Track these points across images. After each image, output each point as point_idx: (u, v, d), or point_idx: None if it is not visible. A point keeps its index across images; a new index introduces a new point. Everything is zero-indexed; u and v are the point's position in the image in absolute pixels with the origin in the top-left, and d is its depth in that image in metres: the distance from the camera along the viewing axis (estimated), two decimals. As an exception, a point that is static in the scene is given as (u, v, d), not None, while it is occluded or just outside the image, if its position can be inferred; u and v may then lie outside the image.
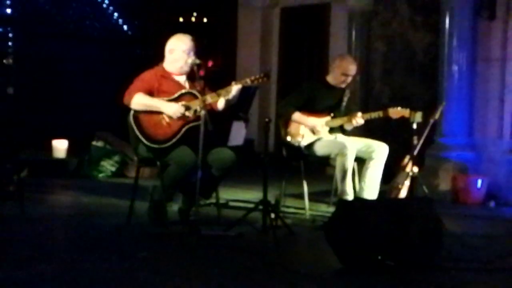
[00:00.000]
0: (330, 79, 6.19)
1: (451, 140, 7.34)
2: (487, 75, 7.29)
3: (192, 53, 5.34)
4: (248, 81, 5.29)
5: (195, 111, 5.18)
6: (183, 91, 5.33)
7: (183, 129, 5.22)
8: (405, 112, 5.79)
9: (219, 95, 5.24)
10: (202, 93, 5.12)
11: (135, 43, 11.02)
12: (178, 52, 5.37)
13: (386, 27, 8.80)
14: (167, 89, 5.31)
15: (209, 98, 5.20)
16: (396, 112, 5.85)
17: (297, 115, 6.00)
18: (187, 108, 5.25)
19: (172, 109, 5.20)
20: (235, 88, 5.23)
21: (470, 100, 7.33)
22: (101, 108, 9.30)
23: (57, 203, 6.66)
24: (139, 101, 5.22)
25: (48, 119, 9.53)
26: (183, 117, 5.22)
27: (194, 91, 5.28)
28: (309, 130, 5.99)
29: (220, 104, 5.34)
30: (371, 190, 5.86)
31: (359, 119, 5.87)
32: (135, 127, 5.21)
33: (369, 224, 4.25)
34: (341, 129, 6.12)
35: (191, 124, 5.20)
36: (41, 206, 6.13)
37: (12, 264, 4.11)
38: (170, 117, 5.23)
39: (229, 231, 5.09)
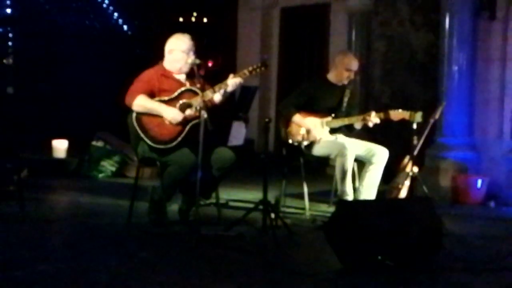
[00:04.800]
0: (332, 77, 6.18)
1: (451, 140, 7.34)
2: (487, 75, 7.28)
3: (191, 53, 5.35)
4: (246, 72, 5.27)
5: (197, 108, 5.18)
6: (183, 88, 5.33)
7: (187, 127, 5.22)
8: (406, 114, 5.77)
9: (218, 90, 5.24)
10: (202, 90, 5.12)
11: (135, 43, 11.03)
12: (178, 52, 5.37)
13: (386, 27, 8.80)
14: (168, 87, 5.31)
15: (209, 94, 5.20)
16: (397, 114, 5.83)
17: (297, 118, 5.99)
18: (189, 105, 5.25)
19: (170, 115, 5.20)
20: (231, 82, 5.22)
21: (470, 100, 7.33)
22: (101, 108, 9.31)
23: (57, 203, 6.66)
24: (140, 103, 5.21)
25: (48, 119, 9.53)
26: (185, 117, 5.22)
27: (195, 88, 5.29)
28: (307, 133, 5.98)
29: (217, 97, 5.34)
30: (369, 193, 5.85)
31: (374, 118, 5.84)
32: (138, 129, 5.21)
33: (369, 224, 4.25)
34: (347, 128, 6.10)
35: (194, 122, 5.20)
36: (41, 206, 6.13)
37: (12, 264, 4.11)
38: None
39: (229, 231, 5.09)
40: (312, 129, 5.94)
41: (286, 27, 10.46)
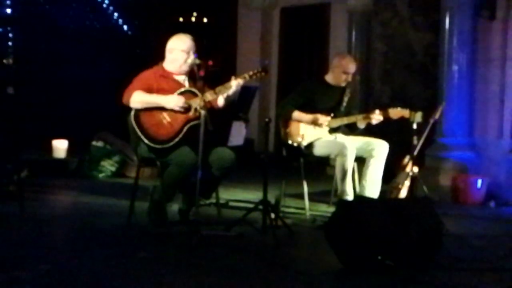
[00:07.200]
0: (330, 78, 6.19)
1: (451, 140, 7.34)
2: (487, 75, 7.28)
3: (192, 53, 5.34)
4: (247, 76, 5.28)
5: (196, 109, 5.18)
6: (183, 89, 5.33)
7: (185, 128, 5.22)
8: (405, 113, 5.80)
9: (218, 92, 5.24)
10: (202, 91, 5.13)
11: (135, 43, 11.02)
12: (177, 51, 5.37)
13: (386, 27, 8.80)
14: (167, 88, 5.31)
15: (209, 96, 5.20)
16: (396, 112, 5.86)
17: (297, 114, 5.99)
18: (188, 106, 5.25)
19: (172, 102, 5.20)
20: (234, 84, 5.22)
21: (470, 100, 7.33)
22: (101, 108, 9.29)
23: (57, 203, 6.66)
24: (137, 98, 5.21)
25: (48, 119, 9.52)
26: (184, 115, 5.21)
27: (194, 89, 5.29)
28: (311, 125, 5.96)
29: (220, 101, 5.34)
30: (372, 188, 5.85)
31: (377, 116, 5.86)
32: (136, 128, 5.21)
33: (369, 224, 4.25)
34: (350, 128, 6.10)
35: (192, 123, 5.20)
36: (41, 206, 6.13)
37: (12, 264, 4.11)
38: (171, 116, 5.23)
39: (229, 231, 5.10)
40: (317, 118, 5.91)
41: (286, 27, 10.45)
